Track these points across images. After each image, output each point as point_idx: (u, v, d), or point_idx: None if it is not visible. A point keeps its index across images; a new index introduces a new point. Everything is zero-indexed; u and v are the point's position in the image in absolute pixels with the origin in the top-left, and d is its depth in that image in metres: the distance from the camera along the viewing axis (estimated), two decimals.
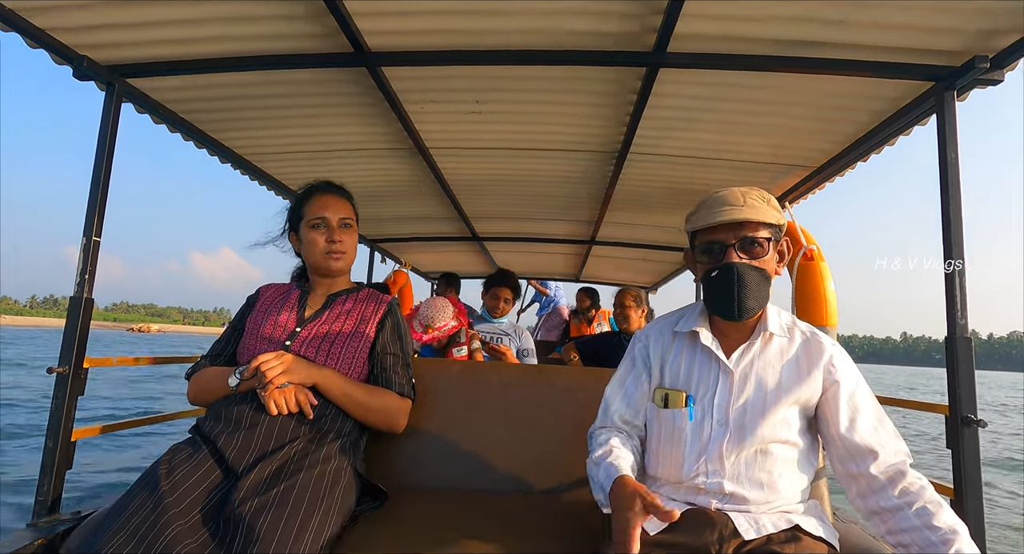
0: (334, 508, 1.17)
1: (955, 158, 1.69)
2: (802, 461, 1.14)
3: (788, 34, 1.72)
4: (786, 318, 1.21)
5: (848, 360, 1.17)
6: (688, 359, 1.20)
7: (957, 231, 1.66)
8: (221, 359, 1.51)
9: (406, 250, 5.26)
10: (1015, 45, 1.61)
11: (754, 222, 1.09)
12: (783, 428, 1.11)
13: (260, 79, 2.18)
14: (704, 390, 1.15)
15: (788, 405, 1.11)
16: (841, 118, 2.22)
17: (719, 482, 1.10)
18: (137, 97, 2.16)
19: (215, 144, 2.69)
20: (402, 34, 1.87)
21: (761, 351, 1.16)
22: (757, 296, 1.10)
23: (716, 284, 1.11)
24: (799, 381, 1.13)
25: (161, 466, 1.18)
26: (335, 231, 1.50)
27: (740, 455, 1.10)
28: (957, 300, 1.62)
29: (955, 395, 1.59)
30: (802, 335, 1.19)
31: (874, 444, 1.07)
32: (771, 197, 1.14)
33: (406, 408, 1.51)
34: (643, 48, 1.85)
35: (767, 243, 1.11)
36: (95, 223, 1.84)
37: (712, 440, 1.12)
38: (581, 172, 3.10)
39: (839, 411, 1.11)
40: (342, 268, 1.54)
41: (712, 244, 1.12)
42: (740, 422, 1.11)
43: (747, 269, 1.09)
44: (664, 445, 1.18)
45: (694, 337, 1.20)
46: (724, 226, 1.10)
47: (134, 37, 1.87)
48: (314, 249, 1.50)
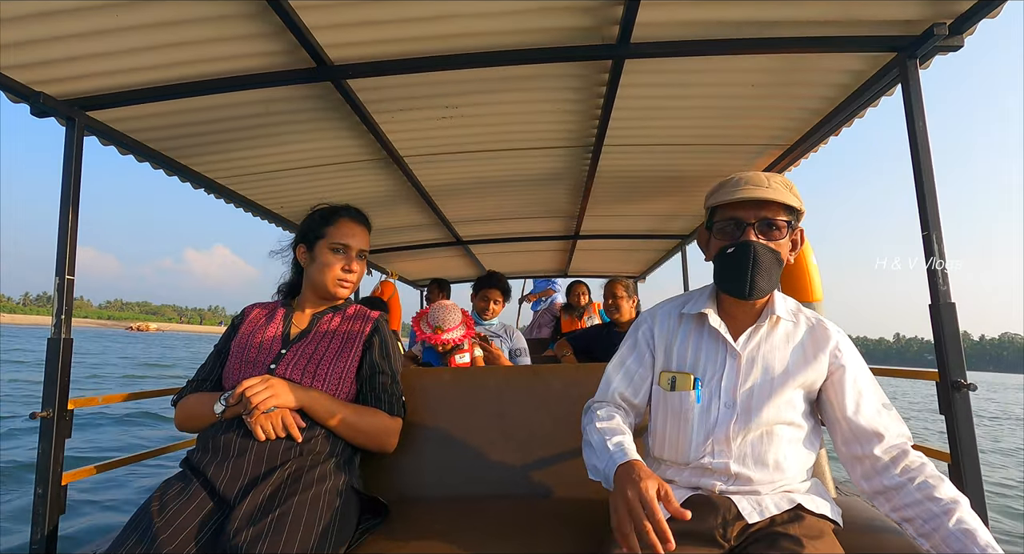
0: (333, 528, 1.15)
1: (923, 126, 1.70)
2: (806, 442, 1.15)
3: (746, 15, 1.73)
4: (791, 304, 1.22)
5: (852, 346, 1.18)
6: (695, 342, 1.20)
7: (931, 198, 1.68)
8: (207, 384, 1.49)
9: (391, 260, 5.23)
10: (971, 10, 1.63)
11: (776, 203, 1.09)
12: (788, 410, 1.12)
13: (225, 101, 2.15)
14: (712, 372, 1.16)
15: (793, 389, 1.12)
16: (809, 94, 2.24)
17: (725, 463, 1.10)
18: (100, 129, 2.12)
19: (185, 171, 2.65)
20: (363, 45, 1.85)
21: (768, 335, 1.17)
22: (769, 278, 1.10)
23: (731, 260, 1.11)
24: (805, 365, 1.14)
25: (153, 503, 1.16)
26: (353, 261, 1.50)
27: (747, 437, 1.11)
28: (938, 269, 1.64)
29: (943, 361, 1.61)
30: (807, 321, 1.19)
31: (879, 426, 1.08)
32: (793, 184, 1.14)
33: (396, 427, 1.49)
34: (607, 40, 1.85)
35: (785, 227, 1.11)
36: (67, 262, 1.80)
37: (719, 422, 1.12)
38: (558, 168, 3.10)
39: (845, 395, 1.12)
40: (346, 296, 1.55)
41: (731, 221, 1.12)
42: (747, 405, 1.12)
43: (763, 249, 1.09)
44: (671, 427, 1.18)
45: (701, 319, 1.21)
46: (746, 204, 1.10)
47: (91, 69, 1.84)
48: (327, 272, 1.49)
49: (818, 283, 2.78)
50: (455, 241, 4.65)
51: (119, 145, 2.27)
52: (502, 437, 1.64)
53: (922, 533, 0.99)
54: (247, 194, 3.13)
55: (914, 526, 1.00)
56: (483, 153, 2.85)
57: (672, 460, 1.18)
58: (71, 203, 1.84)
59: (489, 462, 1.61)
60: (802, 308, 1.22)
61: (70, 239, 1.82)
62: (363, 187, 3.25)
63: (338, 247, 1.49)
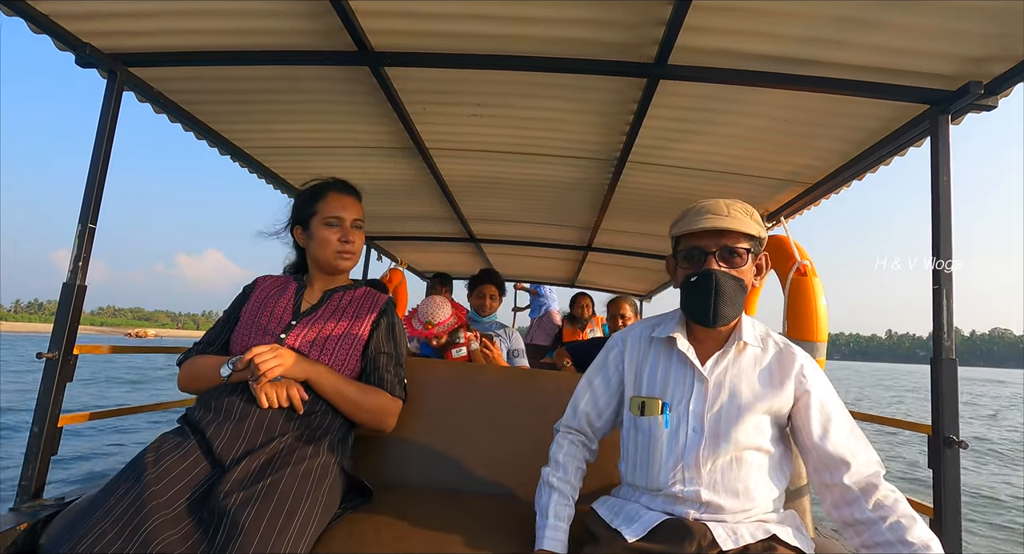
0: (319, 504, 1.17)
1: (947, 181, 1.71)
2: (775, 470, 1.16)
3: (787, 52, 1.74)
4: (760, 329, 1.24)
5: (818, 370, 1.19)
6: (664, 366, 1.22)
7: (946, 253, 1.68)
8: (214, 348, 1.51)
9: (403, 248, 5.26)
10: (1009, 72, 1.63)
11: (735, 232, 1.12)
12: (756, 436, 1.13)
13: (263, 74, 2.19)
14: (679, 397, 1.17)
15: (761, 413, 1.13)
16: (837, 136, 2.24)
17: (696, 490, 1.11)
18: (139, 86, 2.16)
19: (215, 136, 2.69)
20: (406, 35, 1.88)
21: (735, 360, 1.18)
22: (733, 304, 1.13)
23: (694, 289, 1.14)
24: (771, 390, 1.15)
25: (148, 455, 1.18)
26: (349, 231, 1.51)
27: (716, 462, 1.12)
28: (944, 323, 1.64)
29: (939, 416, 1.61)
30: (775, 346, 1.20)
31: (846, 453, 1.09)
32: (754, 211, 1.17)
33: (397, 408, 1.51)
34: (645, 59, 1.87)
35: (746, 254, 1.14)
36: (91, 210, 1.84)
37: (688, 447, 1.13)
38: (580, 178, 3.11)
39: (811, 420, 1.13)
40: (349, 268, 1.56)
41: (693, 250, 1.15)
42: (715, 429, 1.13)
43: (725, 277, 1.12)
44: (641, 453, 1.19)
45: (670, 343, 1.22)
46: (706, 234, 1.13)
47: (138, 27, 1.88)
48: (326, 247, 1.51)
49: (825, 324, 2.77)
50: (468, 238, 4.67)
51: (155, 103, 2.31)
52: (492, 435, 1.66)
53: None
54: (273, 167, 3.17)
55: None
56: (508, 154, 2.87)
57: (644, 486, 1.18)
58: (103, 153, 1.88)
59: (478, 460, 1.62)
60: (771, 333, 1.24)
61: (97, 188, 1.86)
62: (386, 173, 3.28)
63: (332, 220, 1.50)
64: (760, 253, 1.19)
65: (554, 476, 1.25)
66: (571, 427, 1.32)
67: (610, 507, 1.21)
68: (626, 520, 1.13)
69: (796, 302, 2.74)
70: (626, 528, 1.10)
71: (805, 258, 2.83)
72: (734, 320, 1.17)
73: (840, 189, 2.70)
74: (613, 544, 1.08)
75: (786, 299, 2.79)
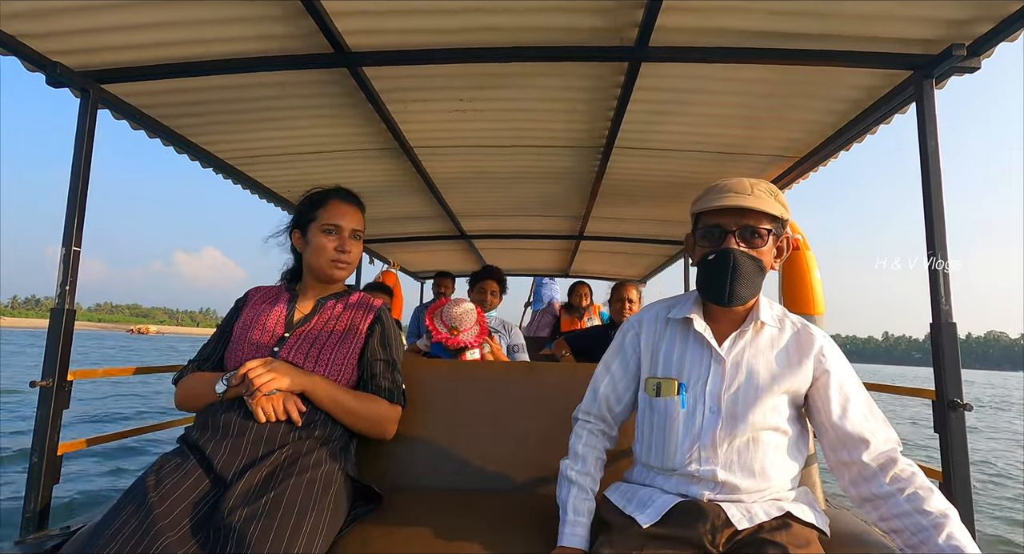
0: (326, 513, 1.16)
1: (935, 146, 1.71)
2: (792, 449, 1.15)
3: (766, 26, 1.73)
4: (777, 309, 1.22)
5: (838, 351, 1.18)
6: (681, 346, 1.20)
7: (939, 221, 1.68)
8: (209, 364, 1.49)
9: (394, 250, 5.24)
10: (990, 33, 1.63)
11: (758, 211, 1.09)
12: (774, 416, 1.12)
13: (240, 82, 2.15)
14: (696, 377, 1.16)
15: (778, 394, 1.12)
16: (823, 107, 2.24)
17: (712, 470, 1.10)
18: (113, 103, 2.12)
19: (196, 149, 2.65)
20: (382, 33, 1.86)
21: (752, 340, 1.16)
22: (750, 285, 1.11)
23: (711, 268, 1.11)
24: (789, 371, 1.14)
25: (149, 478, 1.16)
26: (346, 241, 1.49)
27: (733, 443, 1.11)
28: (941, 288, 1.64)
29: (941, 380, 1.61)
30: (793, 326, 1.19)
31: (865, 432, 1.08)
32: (779, 192, 1.13)
33: (396, 415, 1.50)
34: (626, 42, 1.85)
35: (767, 235, 1.11)
36: (74, 233, 1.81)
37: (705, 428, 1.12)
38: (567, 167, 3.10)
39: (830, 400, 1.12)
40: (344, 277, 1.54)
41: (713, 228, 1.12)
42: (732, 410, 1.11)
43: (744, 257, 1.09)
44: (657, 433, 1.18)
45: (687, 324, 1.20)
46: (728, 212, 1.10)
47: (108, 42, 1.84)
48: (322, 254, 1.49)
49: (820, 297, 2.78)
50: (459, 235, 4.65)
51: (131, 119, 2.27)
52: (497, 432, 1.65)
53: (910, 545, 0.99)
54: (256, 176, 3.13)
55: (902, 538, 1.00)
56: (493, 148, 2.85)
57: (659, 466, 1.18)
58: (81, 174, 1.84)
59: (483, 457, 1.61)
60: (788, 314, 1.23)
61: (78, 210, 1.82)
62: (371, 175, 3.25)
63: (330, 228, 1.48)
64: (782, 235, 1.16)
65: (572, 469, 1.24)
66: (590, 413, 1.30)
67: (623, 493, 1.21)
68: (639, 505, 1.12)
69: (791, 276, 2.75)
70: (640, 514, 1.09)
71: (797, 232, 2.84)
72: (751, 301, 1.16)
73: (828, 161, 2.70)
74: (627, 531, 1.08)
75: (780, 274, 2.79)
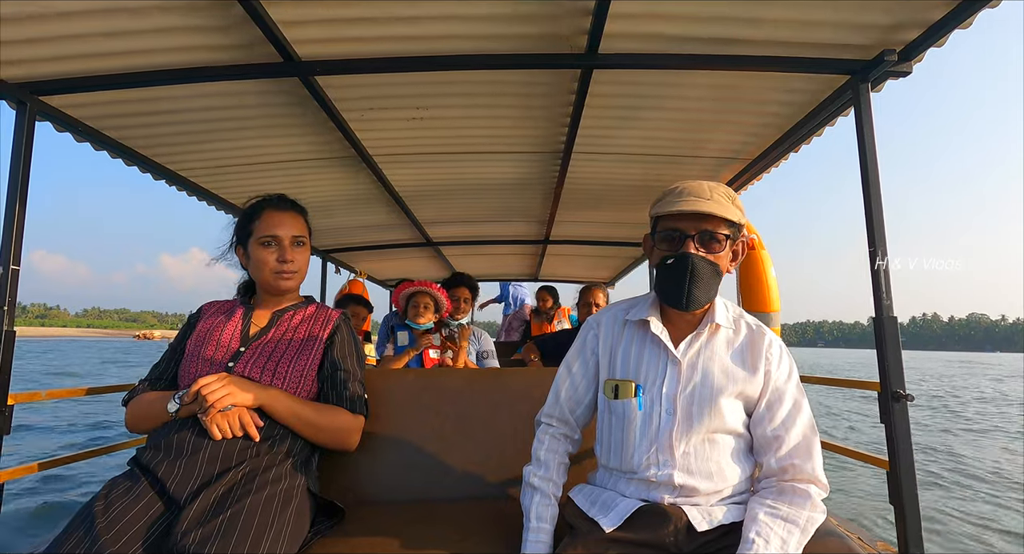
0: (285, 530, 1.13)
1: (872, 146, 1.78)
2: (747, 451, 1.17)
3: (708, 32, 1.78)
4: (733, 311, 1.23)
5: (785, 354, 1.20)
6: (638, 348, 1.21)
7: (879, 218, 1.75)
8: (161, 383, 1.44)
9: (360, 259, 5.18)
10: (919, 38, 1.71)
11: (717, 217, 1.09)
12: (729, 417, 1.14)
13: (187, 92, 2.10)
14: (653, 379, 1.17)
15: (733, 396, 1.14)
16: (768, 111, 2.31)
17: (669, 473, 1.11)
18: (53, 115, 2.04)
19: (145, 161, 2.57)
20: (332, 42, 1.84)
21: (708, 342, 1.18)
22: (707, 289, 1.12)
23: (669, 272, 1.12)
24: (743, 372, 1.15)
25: (97, 503, 1.11)
26: (287, 250, 1.45)
27: (689, 444, 1.13)
28: (882, 283, 1.71)
29: (885, 372, 1.68)
30: (747, 328, 1.20)
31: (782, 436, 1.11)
32: (736, 196, 1.15)
33: (358, 426, 1.46)
34: (576, 50, 1.88)
35: (725, 240, 1.12)
36: (12, 252, 1.73)
37: (661, 429, 1.13)
38: (528, 173, 3.12)
39: (762, 400, 1.15)
40: (292, 287, 1.49)
41: (672, 232, 1.13)
42: (688, 411, 1.13)
43: (702, 262, 1.10)
44: (615, 435, 1.19)
45: (644, 326, 1.21)
46: (687, 216, 1.11)
47: (46, 53, 1.77)
48: (264, 268, 1.44)
49: (776, 295, 2.86)
50: (425, 242, 4.63)
51: (74, 131, 2.19)
52: (463, 439, 1.64)
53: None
54: (210, 187, 3.06)
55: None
56: (453, 155, 2.86)
57: (618, 468, 1.19)
58: (19, 190, 1.77)
59: (450, 464, 1.60)
60: (744, 315, 1.25)
61: (16, 227, 1.75)
62: (332, 185, 3.21)
63: (267, 240, 1.44)
64: (738, 239, 1.17)
65: (535, 475, 1.24)
66: (552, 416, 1.30)
67: (587, 495, 1.21)
68: (602, 509, 1.13)
69: (747, 276, 2.83)
70: (603, 517, 1.10)
71: (752, 233, 2.92)
72: (707, 304, 1.17)
73: (779, 162, 2.79)
74: (591, 535, 1.08)
75: (737, 273, 2.86)
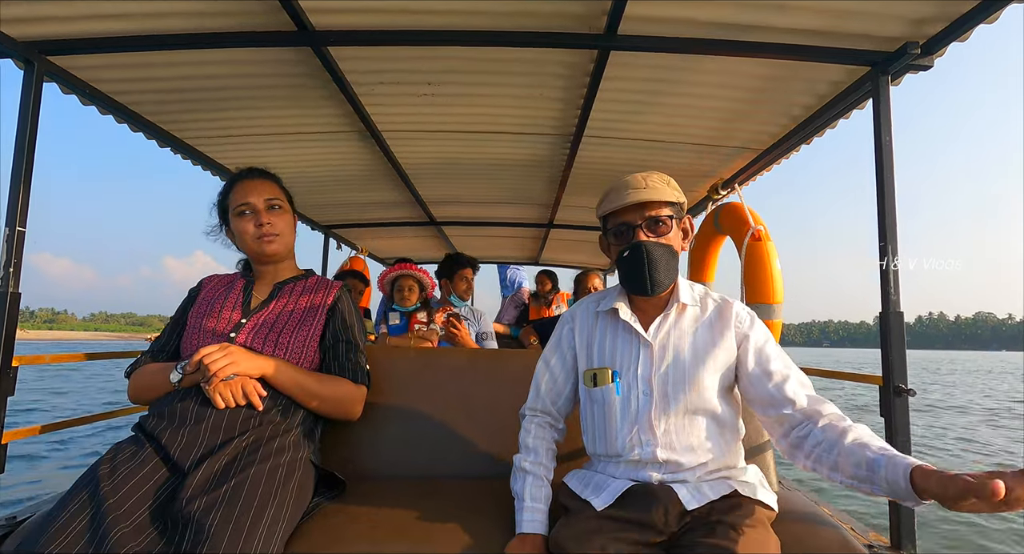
0: (288, 501, 1.14)
1: (889, 141, 1.77)
2: (727, 423, 1.20)
3: (730, 17, 1.76)
4: (699, 289, 1.29)
5: (755, 318, 1.25)
6: (611, 336, 1.26)
7: (891, 214, 1.74)
8: (163, 355, 1.44)
9: (362, 236, 5.15)
10: (943, 32, 1.69)
11: (656, 202, 1.17)
12: (705, 392, 1.17)
13: (199, 58, 2.07)
14: (628, 364, 1.22)
15: (710, 372, 1.18)
16: (787, 100, 2.29)
17: (652, 451, 1.15)
18: (61, 76, 2.01)
19: (151, 127, 2.54)
20: (349, 12, 1.81)
21: (676, 321, 1.23)
22: (667, 271, 1.18)
23: (628, 262, 1.18)
24: (714, 344, 1.20)
25: (102, 466, 1.12)
26: (262, 214, 1.44)
27: (668, 422, 1.16)
28: (891, 278, 1.71)
29: (888, 366, 1.69)
30: (714, 303, 1.26)
31: (788, 390, 1.13)
32: (671, 179, 1.22)
33: (361, 395, 1.48)
34: (595, 30, 1.85)
35: (670, 221, 1.19)
36: (19, 212, 1.72)
37: (640, 411, 1.18)
38: (537, 155, 3.09)
39: (750, 363, 1.18)
40: (277, 250, 1.48)
41: (621, 226, 1.19)
42: (663, 390, 1.17)
43: (654, 246, 1.16)
44: (598, 423, 1.24)
45: (614, 314, 1.27)
46: (630, 208, 1.17)
47: (56, 11, 1.74)
48: (245, 238, 1.45)
49: (780, 287, 2.86)
50: (428, 221, 4.61)
51: (81, 94, 2.16)
52: (464, 418, 1.65)
53: (830, 465, 1.02)
54: (216, 157, 3.03)
55: (824, 463, 1.03)
56: (463, 133, 2.82)
57: (605, 454, 1.23)
58: (26, 150, 1.75)
59: (450, 443, 1.62)
60: (709, 292, 1.29)
61: (23, 188, 1.73)
62: (338, 159, 3.18)
63: (241, 209, 1.45)
64: (683, 218, 1.24)
65: (526, 461, 1.27)
66: (536, 409, 1.35)
67: (580, 479, 1.25)
68: (595, 490, 1.16)
69: (752, 266, 2.82)
70: (595, 497, 1.14)
71: (759, 223, 2.91)
72: (670, 286, 1.22)
73: (790, 154, 2.76)
74: (584, 513, 1.12)
75: (742, 264, 2.86)
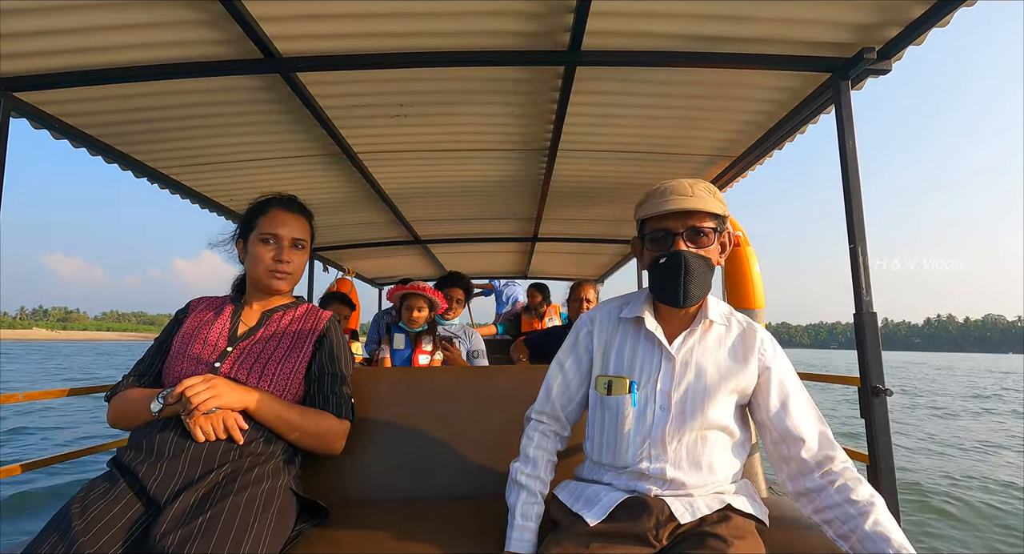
0: (267, 531, 1.11)
1: (852, 144, 1.80)
2: (737, 446, 1.19)
3: (692, 30, 1.79)
4: (724, 307, 1.24)
5: (778, 349, 1.22)
6: (632, 345, 1.21)
7: (858, 214, 1.77)
8: (146, 380, 1.41)
9: (348, 257, 5.14)
10: (897, 37, 1.73)
11: (701, 212, 1.11)
12: (722, 413, 1.15)
13: (167, 88, 2.08)
14: (647, 376, 1.17)
15: (727, 393, 1.16)
16: (751, 109, 2.33)
17: (662, 468, 1.13)
18: (29, 111, 2.01)
19: (125, 158, 2.54)
20: (313, 38, 1.82)
21: (701, 338, 1.19)
22: (701, 284, 1.13)
23: (663, 271, 1.13)
24: (736, 368, 1.16)
25: (74, 505, 1.09)
26: (284, 250, 1.44)
27: (682, 440, 1.14)
28: (862, 279, 1.72)
29: (865, 367, 1.69)
30: (739, 325, 1.22)
31: (803, 430, 1.12)
32: (716, 190, 1.16)
33: (344, 430, 1.45)
34: (559, 47, 1.88)
35: (712, 233, 1.13)
36: None
37: (655, 425, 1.14)
38: (514, 170, 3.11)
39: (770, 396, 1.16)
40: (283, 288, 1.48)
41: (660, 232, 1.14)
42: (681, 407, 1.14)
43: (693, 257, 1.11)
44: (608, 431, 1.19)
45: (638, 323, 1.22)
46: (673, 215, 1.12)
47: (20, 47, 1.75)
48: (259, 264, 1.43)
49: (761, 291, 2.88)
50: (413, 240, 4.61)
51: (51, 128, 2.16)
52: (450, 438, 1.63)
53: (840, 534, 1.04)
54: (192, 184, 3.02)
55: (833, 527, 1.05)
56: (439, 153, 2.84)
57: (610, 464, 1.19)
58: None
59: (436, 463, 1.60)
60: (734, 312, 1.26)
61: None
62: (318, 182, 3.19)
63: (267, 237, 1.44)
64: (724, 230, 1.18)
65: (523, 473, 1.24)
66: (543, 413, 1.30)
67: (571, 491, 1.22)
68: (587, 504, 1.14)
69: (732, 272, 2.84)
70: (587, 512, 1.11)
71: (738, 229, 2.93)
72: (702, 299, 1.19)
73: (764, 159, 2.81)
74: (575, 530, 1.09)
75: (723, 270, 2.88)
